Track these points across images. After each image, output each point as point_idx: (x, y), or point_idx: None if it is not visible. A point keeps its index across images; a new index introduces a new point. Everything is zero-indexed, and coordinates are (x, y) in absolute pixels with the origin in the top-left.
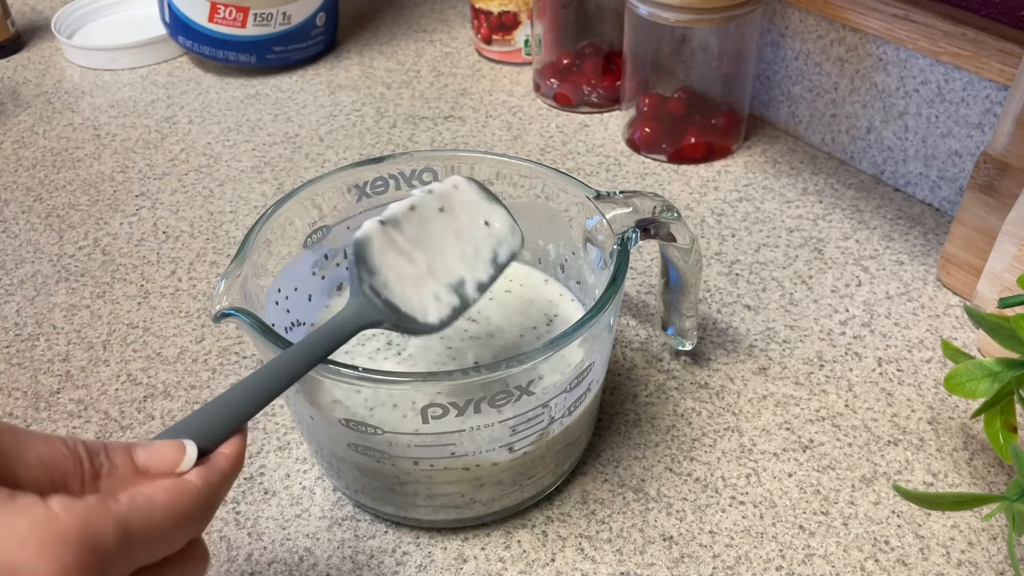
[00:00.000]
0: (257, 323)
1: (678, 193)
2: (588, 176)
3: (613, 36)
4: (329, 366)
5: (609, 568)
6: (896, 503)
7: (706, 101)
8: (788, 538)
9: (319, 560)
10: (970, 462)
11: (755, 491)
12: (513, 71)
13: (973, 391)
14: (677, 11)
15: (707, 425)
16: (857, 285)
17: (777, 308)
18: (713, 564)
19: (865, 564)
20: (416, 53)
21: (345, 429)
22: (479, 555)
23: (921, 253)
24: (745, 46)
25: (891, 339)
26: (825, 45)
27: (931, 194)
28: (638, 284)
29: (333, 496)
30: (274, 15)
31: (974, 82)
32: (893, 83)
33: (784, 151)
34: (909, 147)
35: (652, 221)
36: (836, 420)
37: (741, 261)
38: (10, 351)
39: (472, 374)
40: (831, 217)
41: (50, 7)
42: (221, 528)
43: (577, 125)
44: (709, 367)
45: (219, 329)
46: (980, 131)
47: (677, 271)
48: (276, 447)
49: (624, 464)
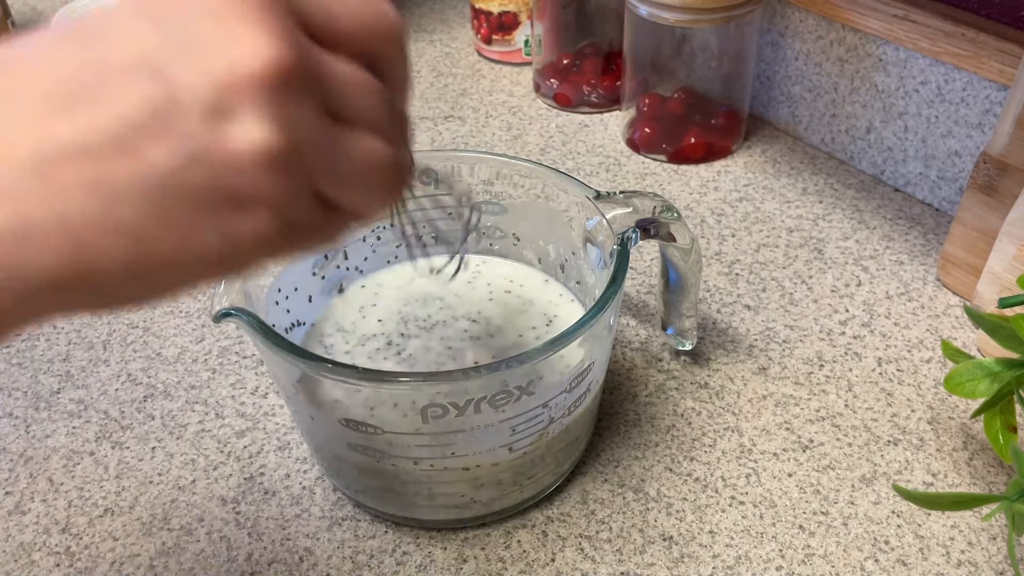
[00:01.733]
0: (257, 323)
1: (678, 193)
2: (588, 176)
3: (613, 36)
4: (329, 366)
5: (609, 568)
6: (896, 503)
7: (706, 101)
8: (788, 538)
9: (319, 560)
10: (970, 462)
11: (755, 491)
12: (513, 71)
13: (973, 391)
14: (677, 11)
15: (707, 425)
16: (857, 285)
17: (777, 308)
18: (713, 564)
19: (865, 564)
20: (416, 53)
21: (345, 429)
22: (479, 555)
23: (921, 253)
24: (745, 46)
25: (891, 339)
26: (825, 45)
27: (931, 194)
28: (638, 284)
29: (333, 496)
30: None
31: (974, 82)
32: (893, 83)
33: (784, 151)
34: (909, 147)
35: (652, 221)
36: (836, 420)
37: (741, 261)
38: (10, 351)
39: (472, 374)
40: (831, 217)
41: (50, 7)
42: (221, 528)
43: (577, 125)
44: (709, 367)
45: (219, 329)
46: (980, 131)
47: (677, 271)
48: (276, 447)
49: (624, 464)
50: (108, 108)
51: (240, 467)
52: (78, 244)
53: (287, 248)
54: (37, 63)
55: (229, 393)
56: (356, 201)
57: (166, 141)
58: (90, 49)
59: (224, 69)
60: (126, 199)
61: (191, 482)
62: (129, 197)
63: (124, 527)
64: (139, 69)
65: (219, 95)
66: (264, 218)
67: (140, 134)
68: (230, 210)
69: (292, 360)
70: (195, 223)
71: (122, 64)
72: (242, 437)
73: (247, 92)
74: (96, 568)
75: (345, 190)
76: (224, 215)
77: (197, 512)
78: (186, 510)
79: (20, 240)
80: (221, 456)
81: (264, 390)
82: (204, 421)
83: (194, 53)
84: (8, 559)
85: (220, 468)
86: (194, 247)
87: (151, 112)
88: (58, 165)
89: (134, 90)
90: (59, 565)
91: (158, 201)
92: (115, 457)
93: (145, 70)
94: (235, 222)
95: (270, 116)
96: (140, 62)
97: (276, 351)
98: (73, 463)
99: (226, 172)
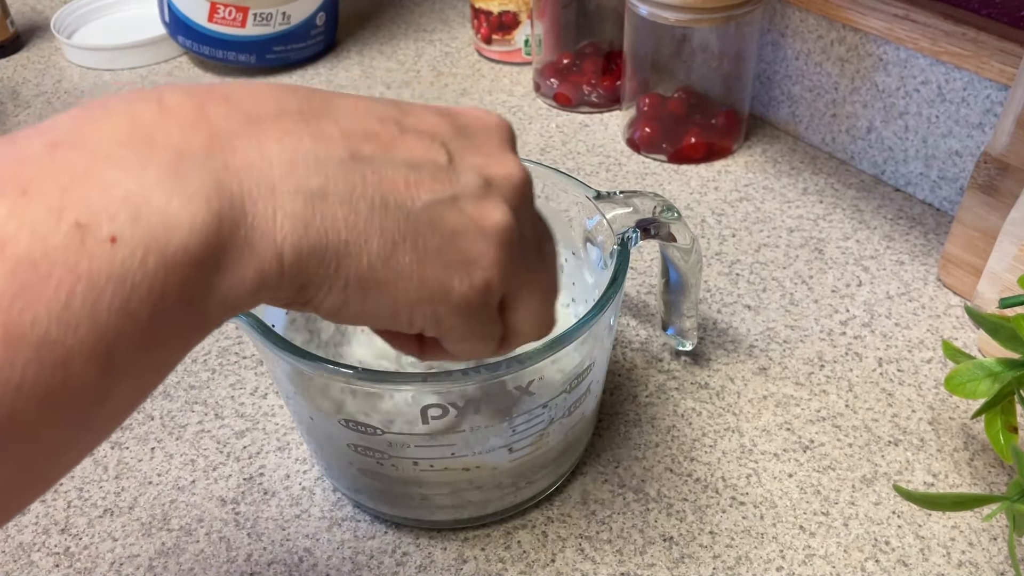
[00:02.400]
0: (257, 323)
1: (678, 193)
2: (588, 176)
3: (613, 36)
4: (329, 366)
5: (609, 569)
6: (896, 503)
7: (706, 101)
8: (788, 538)
9: (319, 561)
10: (971, 462)
11: (755, 491)
12: (513, 71)
13: (974, 391)
14: (677, 11)
15: (707, 425)
16: (857, 285)
17: (777, 308)
18: (713, 565)
19: (865, 564)
20: (416, 53)
21: (345, 429)
22: (479, 555)
23: (922, 253)
24: (745, 46)
25: (891, 339)
26: (825, 45)
27: (931, 194)
28: (638, 284)
29: (333, 496)
30: (274, 15)
31: (974, 82)
32: (893, 83)
33: (784, 151)
34: (909, 147)
35: (652, 221)
36: (836, 420)
37: (741, 261)
38: None
39: (472, 374)
40: (831, 217)
41: (50, 7)
42: (221, 528)
43: (577, 125)
44: (709, 367)
45: (219, 329)
46: (980, 131)
47: (677, 271)
48: (276, 447)
49: (624, 464)
50: (401, 151)
51: (240, 467)
52: (347, 226)
53: (467, 334)
54: (359, 108)
55: (228, 393)
56: (518, 321)
57: (440, 186)
58: (401, 113)
59: (494, 168)
60: (394, 213)
61: (190, 482)
62: (395, 212)
63: (123, 527)
64: (434, 141)
65: (487, 181)
66: (478, 279)
67: (422, 175)
68: (459, 261)
69: (292, 360)
70: (433, 254)
71: (421, 132)
72: (242, 437)
73: (505, 190)
74: (95, 568)
75: (517, 312)
76: (453, 261)
77: (196, 512)
78: (185, 510)
79: (317, 200)
80: (221, 456)
81: (264, 390)
82: (204, 421)
83: (475, 152)
84: (7, 559)
85: (220, 468)
86: (417, 276)
87: (434, 167)
88: (353, 166)
89: (427, 150)
90: (58, 565)
91: (416, 220)
92: (114, 457)
93: (439, 144)
94: (457, 270)
95: (512, 211)
96: (434, 138)
97: (276, 351)
98: None
99: (471, 226)
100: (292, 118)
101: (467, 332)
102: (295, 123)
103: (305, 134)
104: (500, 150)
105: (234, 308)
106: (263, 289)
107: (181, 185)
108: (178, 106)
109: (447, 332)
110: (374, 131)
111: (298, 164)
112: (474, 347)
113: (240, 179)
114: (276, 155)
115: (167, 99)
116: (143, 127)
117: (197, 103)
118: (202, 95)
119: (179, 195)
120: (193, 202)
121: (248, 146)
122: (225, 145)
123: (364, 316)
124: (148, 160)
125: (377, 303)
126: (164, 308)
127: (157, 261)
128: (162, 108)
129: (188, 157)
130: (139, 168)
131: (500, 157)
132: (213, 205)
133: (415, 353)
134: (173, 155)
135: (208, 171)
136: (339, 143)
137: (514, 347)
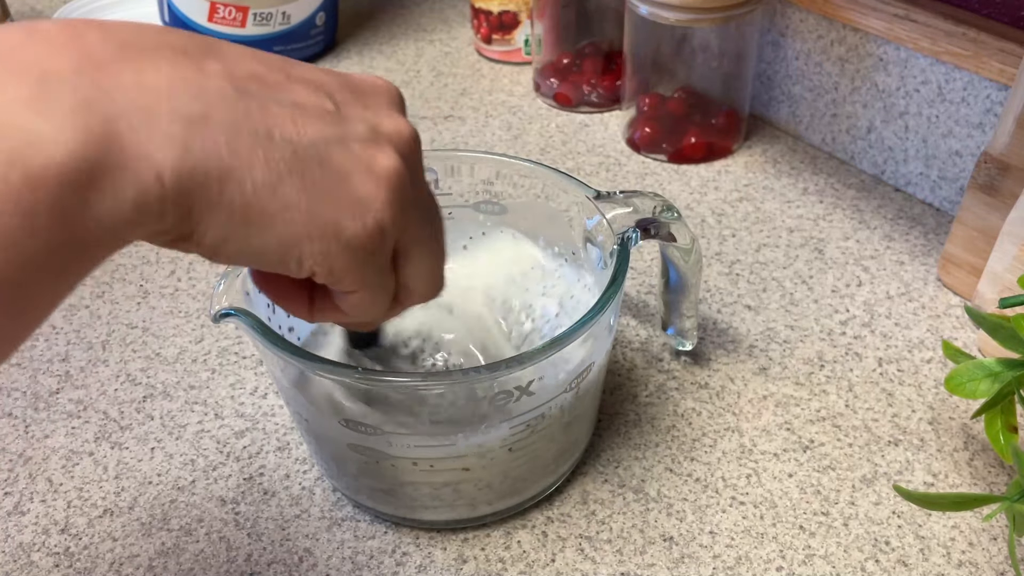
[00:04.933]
0: (256, 323)
1: (678, 193)
2: (588, 176)
3: (613, 36)
4: (329, 366)
5: (609, 568)
6: (896, 503)
7: (706, 101)
8: (788, 538)
9: (319, 561)
10: (971, 462)
11: (755, 491)
12: (513, 71)
13: (974, 391)
14: (677, 11)
15: (707, 425)
16: (858, 285)
17: (777, 308)
18: (713, 565)
19: (865, 565)
20: (416, 53)
21: (345, 429)
22: (479, 555)
23: (922, 253)
24: (745, 46)
25: (891, 339)
26: (825, 45)
27: (932, 194)
28: (638, 284)
29: (333, 496)
30: (274, 14)
31: (975, 82)
32: (894, 83)
33: (784, 151)
34: (910, 147)
35: (652, 221)
36: (836, 420)
37: (741, 261)
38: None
39: (472, 374)
40: (831, 217)
41: (50, 7)
42: (220, 529)
43: (577, 125)
44: (709, 367)
45: (219, 329)
46: (981, 131)
47: (677, 271)
48: (276, 447)
49: (624, 464)
50: (288, 94)
51: (239, 467)
52: (229, 152)
53: (360, 281)
54: (245, 54)
55: (228, 393)
56: (410, 276)
57: (327, 127)
58: (289, 65)
59: (383, 122)
60: (280, 145)
61: (190, 482)
62: (281, 145)
63: (123, 527)
64: (320, 91)
65: (375, 132)
66: (370, 220)
67: (309, 115)
68: (350, 200)
69: (292, 360)
70: (322, 190)
71: (308, 81)
72: (241, 437)
73: (395, 140)
74: (95, 569)
75: (410, 268)
76: (344, 200)
77: (196, 513)
78: (185, 511)
79: (198, 124)
80: (220, 456)
81: (264, 390)
82: (203, 421)
83: (364, 108)
84: (7, 559)
85: (219, 468)
86: (305, 209)
87: (321, 110)
88: (237, 99)
89: (314, 97)
90: (58, 566)
91: (304, 155)
92: (114, 457)
93: (325, 94)
94: (348, 209)
95: (403, 159)
96: (321, 87)
97: (276, 351)
98: (72, 463)
99: (360, 167)
100: (174, 51)
101: (360, 279)
102: (176, 56)
103: (187, 67)
104: (388, 108)
105: (116, 234)
106: (145, 214)
107: (46, 103)
108: (48, 30)
109: (340, 278)
110: (260, 73)
111: (177, 90)
112: (368, 299)
113: (113, 99)
114: (153, 81)
115: (40, 25)
116: (8, 49)
117: (71, 30)
118: (78, 24)
119: (43, 113)
120: (58, 118)
121: (122, 70)
122: (98, 68)
123: (251, 253)
124: (10, 79)
125: (263, 238)
126: (35, 227)
127: (20, 178)
128: (31, 32)
129: (55, 77)
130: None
131: (388, 113)
132: (80, 122)
133: (304, 313)
134: (39, 74)
135: (77, 90)
136: (223, 79)
137: (406, 306)
